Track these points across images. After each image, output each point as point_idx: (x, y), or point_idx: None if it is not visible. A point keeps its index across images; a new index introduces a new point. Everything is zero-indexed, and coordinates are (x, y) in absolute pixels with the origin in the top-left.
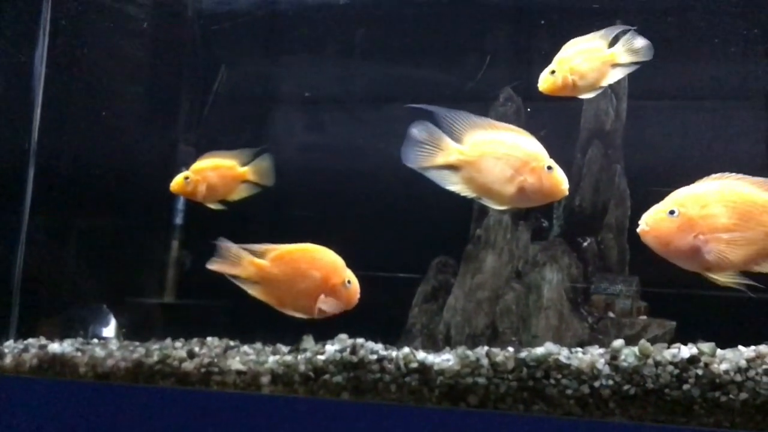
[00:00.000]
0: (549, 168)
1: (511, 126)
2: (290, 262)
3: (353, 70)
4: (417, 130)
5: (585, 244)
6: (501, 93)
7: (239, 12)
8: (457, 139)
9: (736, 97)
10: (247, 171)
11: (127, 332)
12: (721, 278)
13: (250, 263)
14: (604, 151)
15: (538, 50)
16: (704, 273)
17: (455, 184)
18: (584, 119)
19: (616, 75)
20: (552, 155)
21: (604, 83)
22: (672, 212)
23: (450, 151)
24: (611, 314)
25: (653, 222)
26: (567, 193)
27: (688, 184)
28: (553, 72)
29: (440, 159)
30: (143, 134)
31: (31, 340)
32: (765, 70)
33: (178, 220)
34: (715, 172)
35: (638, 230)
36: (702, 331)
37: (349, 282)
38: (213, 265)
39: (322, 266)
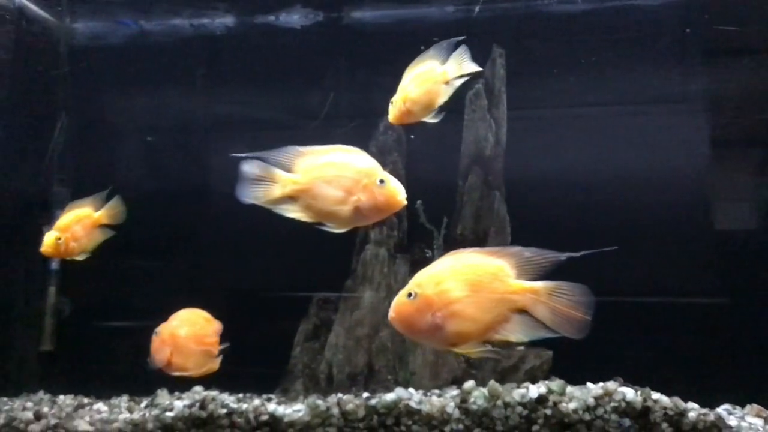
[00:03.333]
0: (381, 182)
1: (340, 146)
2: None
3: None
4: (249, 168)
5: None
6: (381, 122)
7: (114, 47)
8: (288, 170)
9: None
10: (102, 215)
11: None
12: (469, 351)
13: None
14: (485, 178)
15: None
16: (451, 349)
17: (296, 213)
18: (464, 145)
19: (448, 91)
20: (433, 183)
21: (440, 102)
22: (410, 295)
23: (284, 182)
24: (489, 346)
25: (396, 306)
26: (404, 203)
27: None
28: (392, 102)
29: (276, 191)
30: (14, 175)
31: None
32: None
33: (55, 265)
34: None
35: (388, 317)
36: (582, 360)
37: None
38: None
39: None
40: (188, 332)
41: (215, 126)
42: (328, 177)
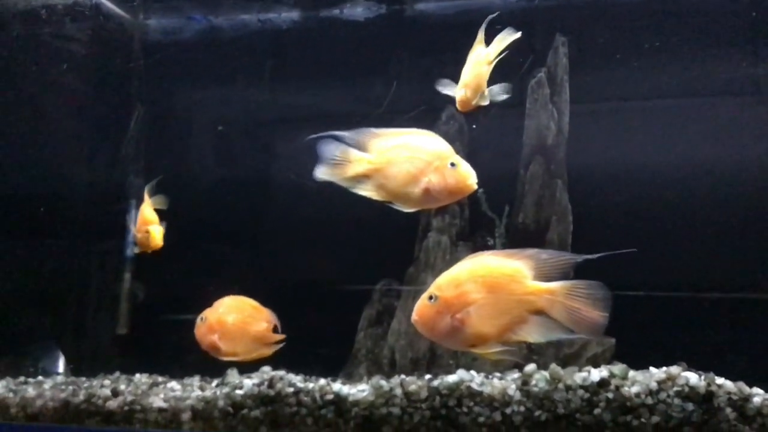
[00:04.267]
0: (453, 165)
1: (415, 129)
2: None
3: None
4: (326, 147)
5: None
6: (443, 112)
7: (185, 42)
8: (363, 150)
9: None
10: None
11: (76, 367)
12: (488, 352)
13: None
14: (546, 167)
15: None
16: (470, 350)
17: (368, 191)
18: (526, 135)
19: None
20: (495, 171)
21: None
22: (431, 298)
23: (358, 161)
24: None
25: (418, 309)
26: (475, 187)
27: None
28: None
29: (351, 171)
30: (92, 167)
31: None
32: None
33: (130, 252)
34: None
35: (412, 320)
36: (645, 348)
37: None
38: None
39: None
40: (236, 319)
41: (282, 117)
42: (400, 158)
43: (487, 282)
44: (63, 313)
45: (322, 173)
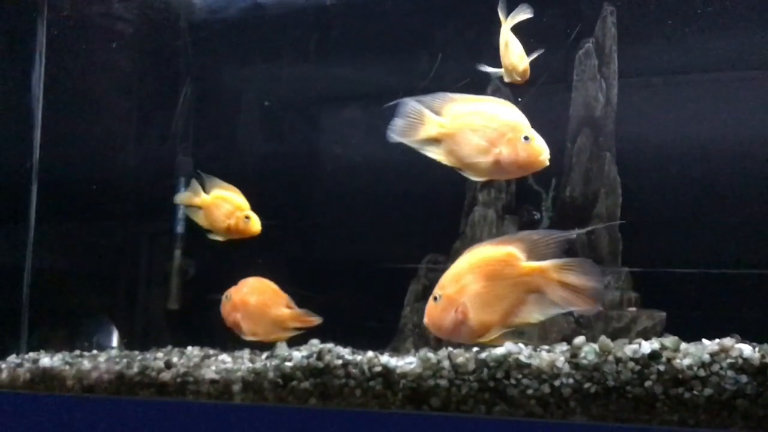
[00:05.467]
0: (526, 138)
1: (493, 98)
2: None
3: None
4: (401, 107)
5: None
6: (489, 85)
7: (230, 19)
8: (438, 114)
9: None
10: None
11: (129, 342)
12: (494, 340)
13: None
14: (594, 139)
15: None
16: (478, 341)
17: (438, 155)
18: (573, 107)
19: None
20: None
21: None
22: (435, 299)
23: (431, 124)
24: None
25: (427, 312)
26: (546, 164)
27: None
28: None
29: (422, 133)
30: (141, 145)
31: (28, 355)
32: None
33: (180, 228)
34: None
35: (424, 323)
36: (696, 322)
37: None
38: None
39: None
40: (258, 300)
41: (327, 92)
42: (474, 125)
43: (483, 271)
44: (115, 290)
45: (394, 134)
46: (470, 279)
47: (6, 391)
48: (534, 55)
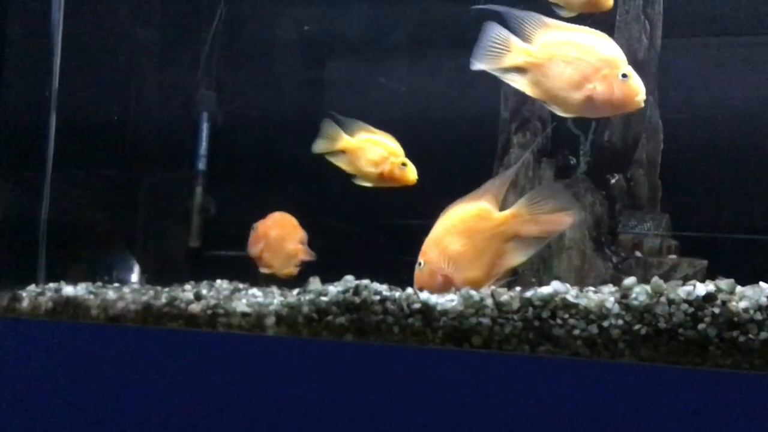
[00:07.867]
0: (624, 76)
1: (590, 29)
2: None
3: None
4: (486, 31)
5: (613, 181)
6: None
7: None
8: (527, 40)
9: None
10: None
11: (150, 278)
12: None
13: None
14: None
15: None
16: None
17: (523, 85)
18: None
19: None
20: None
21: None
22: (419, 265)
23: (518, 52)
24: (638, 254)
25: (415, 279)
26: (642, 105)
27: None
28: None
29: (508, 60)
30: (163, 79)
31: (49, 285)
32: None
33: (202, 166)
34: None
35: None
36: (736, 271)
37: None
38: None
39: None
40: (277, 234)
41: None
42: (567, 57)
43: (461, 230)
44: (136, 225)
45: (477, 61)
46: (449, 240)
47: (28, 318)
48: None
